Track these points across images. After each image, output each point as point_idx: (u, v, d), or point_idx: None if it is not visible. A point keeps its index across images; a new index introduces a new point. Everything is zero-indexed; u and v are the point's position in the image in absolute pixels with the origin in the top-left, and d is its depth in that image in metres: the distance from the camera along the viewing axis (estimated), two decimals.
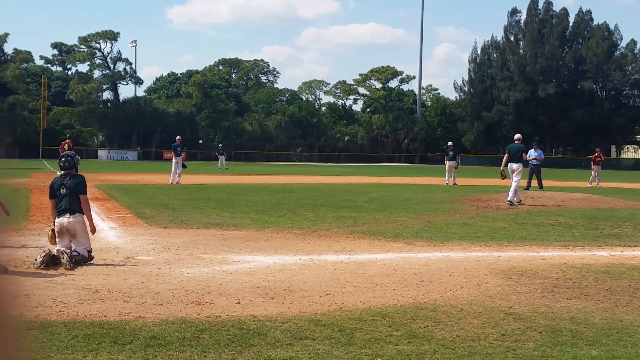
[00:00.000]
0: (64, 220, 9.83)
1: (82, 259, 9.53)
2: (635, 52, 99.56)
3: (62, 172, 10.40)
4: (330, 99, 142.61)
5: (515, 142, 21.91)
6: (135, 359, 5.25)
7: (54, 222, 10.04)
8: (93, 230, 10.19)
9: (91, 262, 9.71)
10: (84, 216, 10.05)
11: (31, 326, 6.08)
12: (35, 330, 5.96)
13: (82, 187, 10.17)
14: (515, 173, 21.14)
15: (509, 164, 21.44)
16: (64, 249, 9.43)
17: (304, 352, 5.50)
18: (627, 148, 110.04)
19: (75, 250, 9.53)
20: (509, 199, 20.65)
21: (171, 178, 30.91)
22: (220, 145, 66.82)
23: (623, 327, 6.62)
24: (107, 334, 5.88)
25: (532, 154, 27.59)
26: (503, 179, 21.89)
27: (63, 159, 10.43)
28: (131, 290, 7.83)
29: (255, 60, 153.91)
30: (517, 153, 21.51)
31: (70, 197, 9.98)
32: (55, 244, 9.85)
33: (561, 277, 9.24)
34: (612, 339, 6.15)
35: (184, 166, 31.84)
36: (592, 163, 38.07)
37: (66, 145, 33.82)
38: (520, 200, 21.06)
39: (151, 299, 7.41)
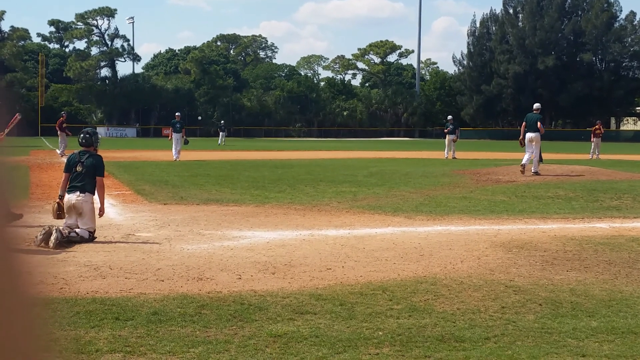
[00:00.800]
0: (73, 197, 9.76)
1: (80, 240, 9.47)
2: (634, 23, 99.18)
3: (80, 148, 10.32)
4: (329, 74, 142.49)
5: (534, 111, 22.21)
6: (137, 335, 5.28)
7: (61, 196, 9.99)
8: (102, 213, 10.12)
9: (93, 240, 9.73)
10: (94, 197, 9.98)
11: (35, 303, 6.09)
12: (37, 307, 5.98)
13: (101, 169, 10.11)
14: (533, 143, 21.30)
15: (526, 133, 21.54)
16: (61, 227, 9.37)
17: (305, 327, 5.53)
18: (627, 120, 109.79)
19: (74, 231, 9.46)
20: (533, 170, 21.24)
21: (174, 154, 30.83)
22: (222, 121, 66.72)
23: (623, 298, 6.65)
24: (109, 310, 5.90)
25: None
26: (523, 146, 21.97)
27: (82, 135, 10.35)
28: (132, 266, 7.85)
29: (253, 35, 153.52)
30: (533, 122, 21.79)
31: (85, 176, 9.89)
32: (57, 218, 9.82)
33: (561, 249, 9.26)
34: (611, 310, 6.17)
35: (186, 142, 31.75)
36: (592, 135, 38.09)
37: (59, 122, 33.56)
38: (537, 172, 21.58)
39: (152, 275, 7.43)
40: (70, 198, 9.79)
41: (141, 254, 8.68)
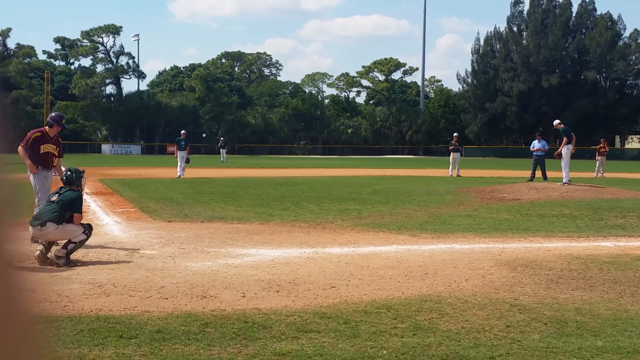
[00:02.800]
0: (36, 232, 9.38)
1: (80, 245, 9.42)
2: (638, 41, 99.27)
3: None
4: (333, 91, 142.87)
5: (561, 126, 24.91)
6: (140, 353, 5.26)
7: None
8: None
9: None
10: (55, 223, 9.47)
11: (37, 321, 6.08)
12: (41, 325, 5.97)
13: (78, 206, 9.76)
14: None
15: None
16: (54, 254, 9.17)
17: (309, 345, 5.51)
18: (632, 138, 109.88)
19: (70, 242, 9.30)
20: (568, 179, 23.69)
21: (179, 172, 30.90)
22: (222, 138, 66.79)
23: (628, 317, 6.62)
24: (113, 328, 5.89)
25: (535, 144, 27.52)
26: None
27: (63, 172, 10.25)
28: (136, 284, 7.84)
29: (258, 53, 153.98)
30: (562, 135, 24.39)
31: (57, 207, 9.52)
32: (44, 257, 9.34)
33: (566, 268, 9.23)
34: (617, 330, 6.15)
35: (187, 161, 31.83)
36: (596, 154, 38.05)
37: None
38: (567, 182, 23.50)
39: (156, 293, 7.42)
40: (34, 232, 9.42)
41: (145, 271, 8.68)
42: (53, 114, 12.03)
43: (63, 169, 10.63)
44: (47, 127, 11.80)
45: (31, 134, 11.59)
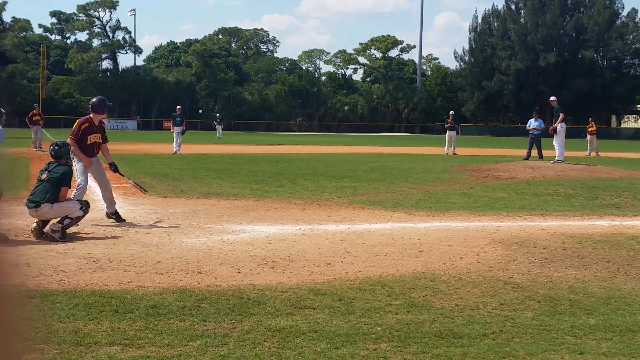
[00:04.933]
0: (32, 213, 9.37)
1: (76, 220, 9.44)
2: (636, 21, 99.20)
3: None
4: (330, 68, 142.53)
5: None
6: (135, 328, 5.28)
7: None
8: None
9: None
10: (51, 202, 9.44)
11: (32, 295, 6.11)
12: (37, 299, 6.00)
13: (67, 179, 9.68)
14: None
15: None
16: (50, 228, 9.20)
17: (303, 321, 5.53)
18: (628, 117, 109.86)
19: (67, 217, 9.31)
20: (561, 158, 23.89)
21: (174, 148, 30.91)
22: (217, 114, 66.60)
23: (621, 296, 6.66)
24: (108, 303, 5.91)
25: (532, 123, 27.50)
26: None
27: (51, 147, 10.14)
28: (131, 259, 7.86)
29: (255, 29, 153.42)
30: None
31: (48, 185, 9.48)
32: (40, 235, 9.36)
33: (560, 246, 9.26)
34: (610, 308, 6.18)
35: (182, 132, 31.77)
36: (586, 134, 38.26)
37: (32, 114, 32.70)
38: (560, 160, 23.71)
39: (151, 268, 7.44)
40: (31, 213, 9.40)
41: (140, 246, 8.69)
42: (95, 100, 11.25)
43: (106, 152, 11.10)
44: (92, 113, 11.19)
45: (80, 124, 10.96)
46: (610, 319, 5.83)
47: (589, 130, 37.88)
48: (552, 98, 25.62)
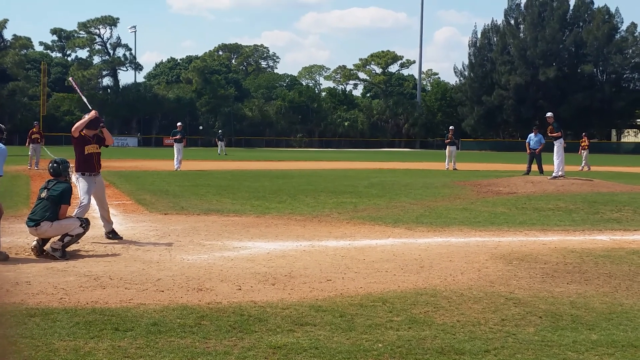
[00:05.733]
0: (33, 231, 9.33)
1: (77, 238, 9.42)
2: (635, 35, 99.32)
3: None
4: (330, 84, 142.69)
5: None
6: (136, 346, 5.27)
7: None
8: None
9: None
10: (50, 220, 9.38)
11: (33, 313, 6.10)
12: (37, 317, 5.98)
13: (67, 197, 9.62)
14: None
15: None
16: (51, 246, 9.17)
17: (304, 338, 5.52)
18: (628, 132, 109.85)
19: (67, 235, 9.28)
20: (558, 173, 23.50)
21: (175, 164, 30.93)
22: (220, 131, 66.69)
23: (623, 311, 6.64)
24: (109, 321, 5.90)
25: (532, 138, 27.53)
26: None
27: (50, 164, 10.11)
28: (132, 276, 7.86)
29: (255, 45, 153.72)
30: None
31: (48, 203, 9.44)
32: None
33: (561, 261, 9.25)
34: (612, 323, 6.17)
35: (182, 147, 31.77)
36: (580, 149, 38.77)
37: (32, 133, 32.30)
38: (558, 175, 23.40)
39: (152, 285, 7.43)
40: (31, 233, 9.40)
41: (141, 264, 8.69)
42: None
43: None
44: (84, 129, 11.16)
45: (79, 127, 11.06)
46: (613, 334, 5.82)
47: (582, 145, 38.50)
48: (549, 114, 25.56)
